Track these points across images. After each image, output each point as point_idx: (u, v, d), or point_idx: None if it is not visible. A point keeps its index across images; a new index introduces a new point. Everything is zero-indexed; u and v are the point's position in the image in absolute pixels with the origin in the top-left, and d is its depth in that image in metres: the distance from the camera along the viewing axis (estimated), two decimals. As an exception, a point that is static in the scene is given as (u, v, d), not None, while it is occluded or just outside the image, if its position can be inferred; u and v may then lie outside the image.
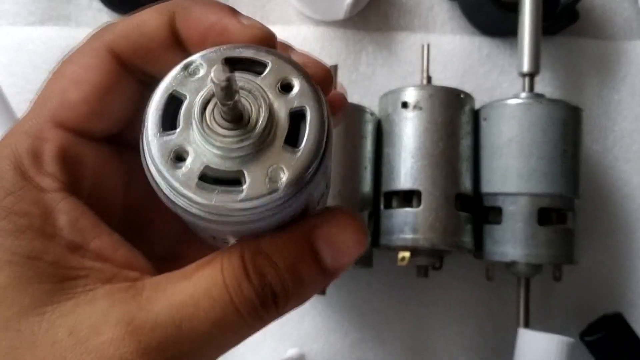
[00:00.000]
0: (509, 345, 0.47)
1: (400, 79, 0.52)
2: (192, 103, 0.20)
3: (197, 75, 0.20)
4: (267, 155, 0.20)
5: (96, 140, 0.23)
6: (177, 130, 0.20)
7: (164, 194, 0.20)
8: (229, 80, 0.18)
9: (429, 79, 0.46)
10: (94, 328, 0.19)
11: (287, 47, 0.24)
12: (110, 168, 0.24)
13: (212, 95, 0.20)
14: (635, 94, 0.51)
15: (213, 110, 0.20)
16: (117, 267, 0.21)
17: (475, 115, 0.45)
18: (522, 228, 0.42)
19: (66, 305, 0.20)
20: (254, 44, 0.21)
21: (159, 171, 0.20)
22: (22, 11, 0.53)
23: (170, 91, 0.20)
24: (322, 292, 0.44)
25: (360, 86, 0.52)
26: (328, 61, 0.50)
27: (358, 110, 0.44)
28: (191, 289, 0.20)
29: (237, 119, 0.19)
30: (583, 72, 0.52)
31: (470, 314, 0.49)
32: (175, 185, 0.19)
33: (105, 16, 0.53)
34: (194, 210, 0.20)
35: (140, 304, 0.20)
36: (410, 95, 0.44)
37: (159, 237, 0.26)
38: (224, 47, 0.21)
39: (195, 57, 0.21)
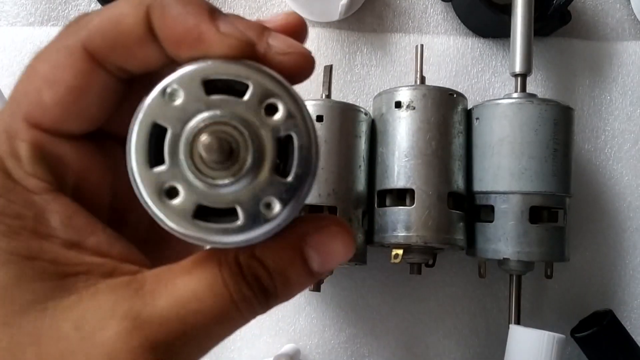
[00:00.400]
0: (500, 341, 0.48)
1: (394, 80, 0.52)
2: (176, 137, 0.19)
3: (176, 102, 0.20)
4: (258, 185, 0.20)
5: (75, 139, 0.23)
6: (165, 166, 0.19)
7: (159, 222, 0.20)
8: (220, 147, 0.19)
9: (423, 79, 0.47)
10: (100, 322, 0.20)
11: (262, 31, 0.22)
12: (92, 164, 0.23)
13: (196, 133, 0.19)
14: (627, 94, 0.52)
15: (198, 147, 0.19)
16: (116, 261, 0.21)
17: (468, 114, 0.46)
18: (513, 226, 0.43)
19: (69, 300, 0.20)
20: (232, 55, 0.20)
21: (149, 208, 0.20)
22: (22, 12, 0.53)
23: (151, 122, 0.20)
24: (317, 289, 0.44)
25: (355, 86, 0.52)
26: (323, 62, 0.51)
27: (352, 110, 0.45)
28: (193, 285, 0.20)
29: (225, 158, 0.19)
30: (575, 72, 0.52)
31: (463, 311, 0.49)
32: (168, 223, 0.20)
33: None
34: (190, 240, 0.20)
35: (144, 299, 0.20)
36: (404, 95, 0.44)
37: (141, 227, 0.25)
38: (200, 64, 0.20)
39: (172, 80, 0.20)
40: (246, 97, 0.20)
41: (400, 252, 0.43)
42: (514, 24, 0.46)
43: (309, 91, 0.51)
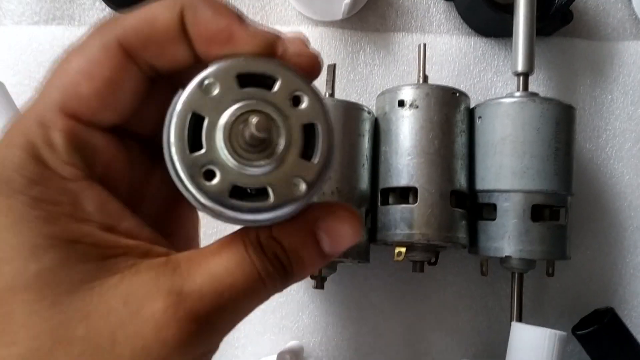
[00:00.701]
0: (502, 338, 0.48)
1: (397, 79, 0.53)
2: (213, 125, 0.21)
3: (212, 94, 0.22)
4: (286, 167, 0.22)
5: (104, 130, 0.24)
6: (203, 151, 0.21)
7: (195, 204, 0.22)
8: (258, 133, 0.21)
9: (426, 78, 0.47)
10: (146, 297, 0.21)
11: (278, 38, 0.24)
12: (117, 155, 0.25)
13: (234, 120, 0.21)
14: (628, 93, 0.52)
15: (234, 133, 0.21)
16: (147, 244, 0.23)
17: (470, 113, 0.46)
18: (515, 224, 0.43)
19: (113, 279, 0.22)
20: (260, 53, 0.22)
21: (188, 190, 0.21)
22: (27, 11, 0.54)
23: (191, 112, 0.21)
24: (321, 287, 0.45)
25: (358, 85, 0.53)
26: (327, 61, 0.51)
27: (356, 109, 0.45)
28: (225, 263, 0.23)
29: (259, 142, 0.21)
30: (576, 72, 0.53)
31: (465, 308, 0.50)
32: (207, 203, 0.21)
33: (108, 16, 0.54)
34: (222, 219, 0.22)
35: (183, 276, 0.22)
36: (407, 93, 0.45)
37: (149, 214, 0.27)
38: (234, 60, 0.22)
39: (208, 73, 0.22)
40: (275, 89, 0.22)
41: (403, 250, 0.44)
42: (516, 24, 0.47)
43: (313, 90, 0.52)
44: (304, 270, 0.25)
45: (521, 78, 0.47)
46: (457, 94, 0.45)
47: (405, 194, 0.44)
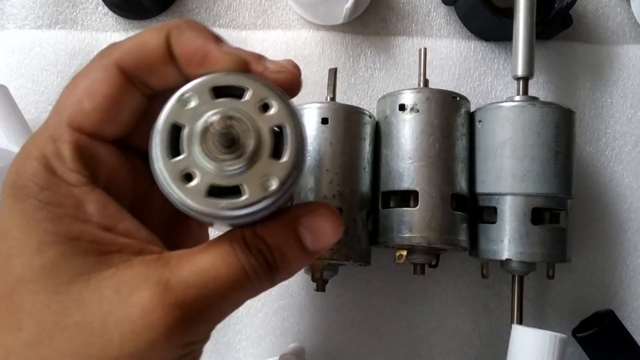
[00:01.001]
0: (503, 341, 0.49)
1: (397, 82, 0.53)
2: (191, 131, 0.24)
3: (189, 106, 0.24)
4: (258, 167, 0.24)
5: (107, 142, 0.27)
6: (183, 155, 0.24)
7: (179, 205, 0.24)
8: (227, 129, 0.23)
9: (426, 82, 0.47)
10: (136, 286, 0.24)
11: (260, 57, 0.27)
12: (119, 165, 0.28)
13: (207, 127, 0.24)
14: (627, 97, 0.53)
15: (209, 138, 0.24)
16: (143, 243, 0.26)
17: (471, 117, 0.47)
18: (516, 227, 0.44)
19: (108, 272, 0.24)
20: (232, 69, 0.26)
21: (172, 190, 0.24)
22: (30, 15, 0.54)
23: (171, 122, 0.24)
24: (322, 289, 0.45)
25: (359, 89, 0.53)
26: (328, 65, 0.52)
27: (357, 113, 0.45)
28: (210, 258, 0.25)
29: (231, 144, 0.24)
30: (576, 75, 0.53)
31: (466, 311, 0.50)
32: (187, 202, 0.24)
33: (110, 19, 0.54)
34: (205, 218, 0.25)
35: (171, 269, 0.24)
36: (408, 97, 0.45)
37: (157, 223, 0.30)
38: (209, 76, 0.25)
39: (186, 89, 0.25)
40: (245, 98, 0.25)
41: (404, 252, 0.44)
42: (516, 28, 0.47)
43: (314, 94, 0.52)
44: (288, 266, 0.27)
45: (521, 82, 0.47)
46: (458, 98, 0.45)
47: (406, 197, 0.45)
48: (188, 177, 0.24)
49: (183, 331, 0.24)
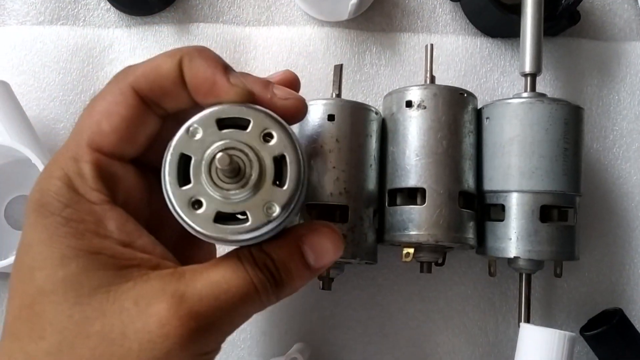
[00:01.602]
0: (510, 340, 0.48)
1: (403, 79, 0.53)
2: (198, 163, 0.26)
3: (196, 137, 0.26)
4: (261, 193, 0.26)
5: (125, 162, 0.29)
6: (191, 185, 0.26)
7: (189, 229, 0.26)
8: (231, 164, 0.25)
9: (433, 78, 0.47)
10: (153, 298, 0.25)
11: (268, 84, 0.29)
12: (137, 183, 0.29)
13: (212, 159, 0.26)
14: (635, 94, 0.52)
15: (214, 168, 0.26)
16: (159, 258, 0.27)
17: (478, 114, 0.46)
18: (524, 225, 0.43)
19: (127, 285, 0.26)
20: (238, 100, 0.27)
21: (181, 217, 0.26)
22: (32, 11, 0.53)
23: (179, 152, 0.26)
24: (328, 288, 0.45)
25: (364, 86, 0.53)
26: (332, 61, 0.51)
27: (363, 109, 0.45)
28: (222, 272, 0.27)
29: (235, 174, 0.26)
30: (583, 72, 0.53)
31: (473, 309, 0.49)
32: (196, 227, 0.26)
33: (112, 15, 0.54)
34: (213, 241, 0.27)
35: (186, 282, 0.26)
36: (415, 94, 0.44)
37: (170, 238, 0.31)
38: (214, 107, 0.27)
39: (193, 121, 0.27)
40: (248, 129, 0.27)
41: (411, 250, 0.43)
42: (523, 24, 0.46)
43: (319, 91, 0.52)
44: (293, 281, 0.29)
45: (529, 78, 0.46)
46: (465, 95, 0.45)
47: (413, 195, 0.44)
48: (196, 204, 0.26)
49: (197, 341, 0.25)
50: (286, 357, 0.45)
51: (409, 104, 0.44)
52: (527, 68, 0.46)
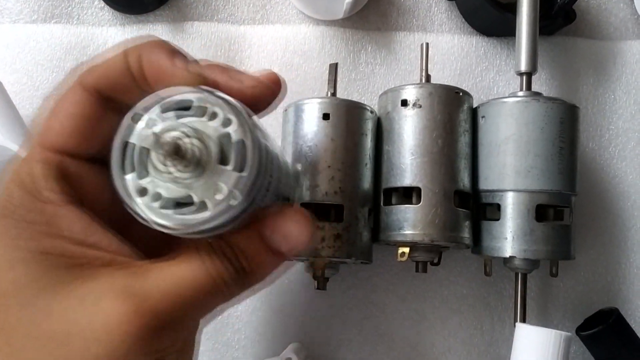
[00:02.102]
0: (505, 339, 0.48)
1: (398, 78, 0.52)
2: (142, 149, 0.25)
3: (141, 123, 0.25)
4: (208, 177, 0.24)
5: (84, 160, 0.28)
6: (136, 172, 0.25)
7: (140, 220, 0.25)
8: (173, 147, 0.23)
9: (428, 77, 0.47)
10: (100, 296, 0.24)
11: (228, 69, 0.28)
12: (98, 181, 0.28)
13: (155, 143, 0.24)
14: (630, 93, 0.52)
15: (158, 153, 0.24)
16: (114, 255, 0.26)
17: (474, 113, 0.46)
18: (519, 224, 0.43)
19: (75, 284, 0.25)
20: (190, 84, 0.26)
21: (129, 206, 0.25)
22: (25, 9, 0.53)
23: (124, 141, 0.25)
24: (323, 288, 0.44)
25: (360, 85, 0.52)
26: (327, 60, 0.51)
27: (359, 108, 0.44)
28: (177, 266, 0.26)
29: (179, 158, 0.24)
30: (579, 71, 0.53)
31: (468, 309, 0.49)
32: (142, 214, 0.25)
33: (106, 14, 0.54)
34: (167, 231, 0.25)
35: (137, 277, 0.25)
36: (410, 93, 0.44)
37: (139, 238, 0.30)
38: (158, 93, 0.26)
39: (137, 107, 0.25)
40: (193, 110, 0.25)
41: (406, 250, 0.43)
42: (519, 23, 0.46)
43: (314, 89, 0.51)
44: (257, 269, 0.27)
45: (524, 77, 0.46)
46: (461, 94, 0.45)
47: (409, 194, 0.44)
48: (142, 193, 0.25)
49: (147, 338, 0.24)
50: (281, 358, 0.45)
51: (404, 102, 0.44)
52: (523, 67, 0.46)
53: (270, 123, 0.51)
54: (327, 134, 0.43)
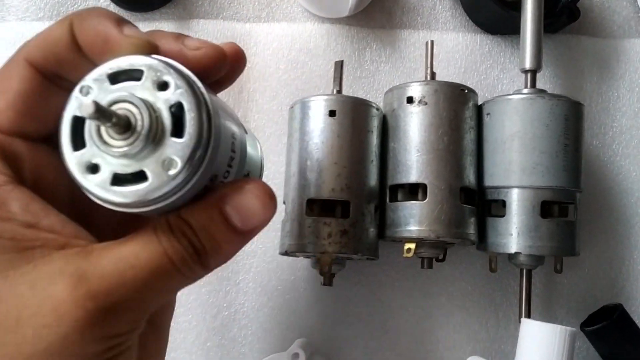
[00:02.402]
0: (510, 335, 0.49)
1: (403, 76, 0.53)
2: (89, 123, 0.24)
3: (89, 96, 0.24)
4: (161, 149, 0.23)
5: (32, 140, 0.27)
6: (86, 148, 0.24)
7: (91, 197, 0.24)
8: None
9: (433, 74, 0.47)
10: (50, 280, 0.23)
11: (177, 36, 0.27)
12: (49, 162, 0.27)
13: (98, 114, 0.23)
14: (634, 90, 0.53)
15: (103, 126, 0.23)
16: (68, 238, 0.25)
17: (479, 110, 0.46)
18: (524, 221, 0.43)
19: (27, 268, 0.24)
20: (136, 52, 0.25)
21: (79, 183, 0.24)
22: (31, 7, 0.53)
23: (72, 115, 0.24)
24: (329, 284, 0.45)
25: (365, 82, 0.53)
26: (333, 58, 0.51)
27: (364, 105, 0.45)
28: (132, 246, 0.24)
29: (124, 129, 0.23)
30: (582, 69, 0.53)
31: (473, 305, 0.49)
32: (94, 192, 0.24)
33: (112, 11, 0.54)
34: (118, 208, 0.24)
35: (89, 260, 0.24)
36: (416, 90, 0.44)
37: (104, 222, 0.29)
38: (105, 64, 0.24)
39: (85, 79, 0.24)
40: (142, 80, 0.24)
41: (412, 246, 0.43)
42: (524, 20, 0.47)
43: (320, 87, 0.52)
44: (219, 249, 0.26)
45: (529, 75, 0.47)
46: (466, 91, 0.45)
47: (414, 191, 0.44)
48: (93, 169, 0.24)
49: (96, 323, 0.23)
50: (288, 353, 0.45)
51: (410, 100, 0.45)
52: (528, 64, 0.46)
53: (276, 120, 0.51)
54: (333, 130, 0.43)
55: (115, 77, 0.24)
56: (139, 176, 0.23)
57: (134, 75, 0.24)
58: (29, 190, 0.25)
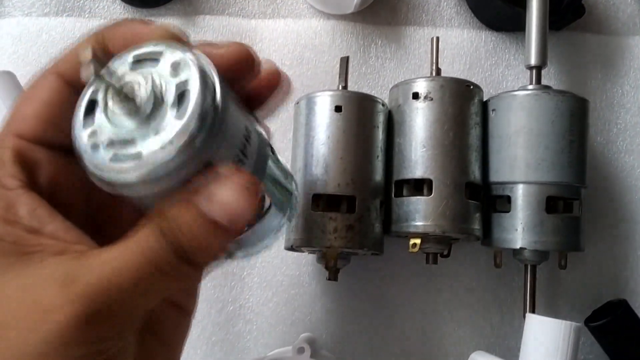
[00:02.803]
0: (515, 331, 0.49)
1: (408, 72, 0.53)
2: (101, 101, 0.24)
3: (112, 79, 0.23)
4: (161, 130, 0.23)
5: (55, 149, 0.27)
6: (92, 128, 0.24)
7: (93, 179, 0.24)
8: (124, 98, 0.22)
9: (439, 70, 0.47)
10: (41, 284, 0.23)
11: (209, 44, 0.27)
12: (66, 170, 0.27)
13: (108, 92, 0.23)
14: (638, 87, 0.53)
15: (110, 102, 0.23)
16: (69, 244, 0.25)
17: (484, 106, 0.47)
18: (529, 216, 0.44)
19: (23, 272, 0.24)
20: (159, 40, 0.25)
21: (82, 162, 0.24)
22: (38, 2, 0.53)
23: (89, 99, 0.24)
24: (335, 279, 0.45)
25: (370, 79, 0.53)
26: (338, 54, 0.51)
27: (370, 101, 0.45)
28: (119, 250, 0.24)
29: (128, 106, 0.23)
30: (587, 66, 0.53)
31: (478, 301, 0.50)
32: (91, 169, 0.24)
33: (118, 7, 0.54)
34: (104, 186, 0.24)
35: (80, 264, 0.24)
36: (421, 86, 0.45)
37: (120, 233, 0.28)
38: (130, 48, 0.25)
39: (110, 65, 0.24)
40: (160, 63, 0.24)
41: (418, 241, 0.44)
42: (529, 17, 0.47)
43: (325, 83, 0.52)
44: (199, 245, 0.24)
45: (534, 71, 0.47)
46: (471, 87, 0.45)
47: (420, 186, 0.44)
48: (95, 147, 0.24)
49: (81, 327, 0.23)
50: (293, 348, 0.45)
51: (415, 95, 0.45)
52: (533, 61, 0.46)
53: (282, 116, 0.51)
54: (339, 126, 0.43)
55: (138, 62, 0.24)
56: (136, 156, 0.23)
57: (152, 57, 0.24)
58: (39, 196, 0.26)
